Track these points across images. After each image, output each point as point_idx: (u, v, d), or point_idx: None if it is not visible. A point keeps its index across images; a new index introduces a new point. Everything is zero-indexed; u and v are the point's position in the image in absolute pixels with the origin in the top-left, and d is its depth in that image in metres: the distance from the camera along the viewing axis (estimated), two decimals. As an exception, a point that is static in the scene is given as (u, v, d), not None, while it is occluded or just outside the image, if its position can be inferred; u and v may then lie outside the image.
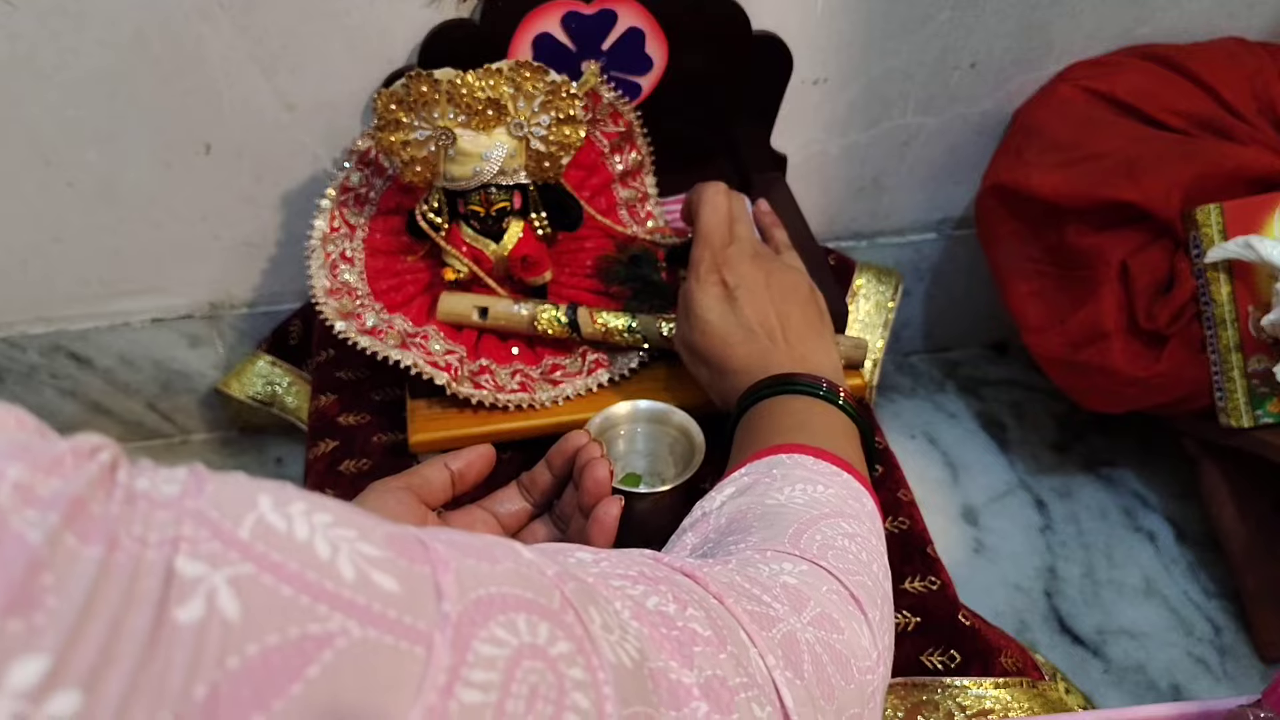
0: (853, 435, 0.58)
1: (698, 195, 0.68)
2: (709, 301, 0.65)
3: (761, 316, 0.64)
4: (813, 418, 0.57)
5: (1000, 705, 0.68)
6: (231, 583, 0.22)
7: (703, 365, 0.66)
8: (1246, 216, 0.88)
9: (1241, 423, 0.91)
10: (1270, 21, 1.03)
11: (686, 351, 0.68)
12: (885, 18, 0.95)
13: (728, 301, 0.65)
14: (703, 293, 0.65)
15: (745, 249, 0.67)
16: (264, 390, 1.05)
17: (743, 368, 0.63)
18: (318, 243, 0.82)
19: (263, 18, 0.85)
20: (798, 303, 0.66)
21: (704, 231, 0.67)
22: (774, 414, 0.58)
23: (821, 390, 0.58)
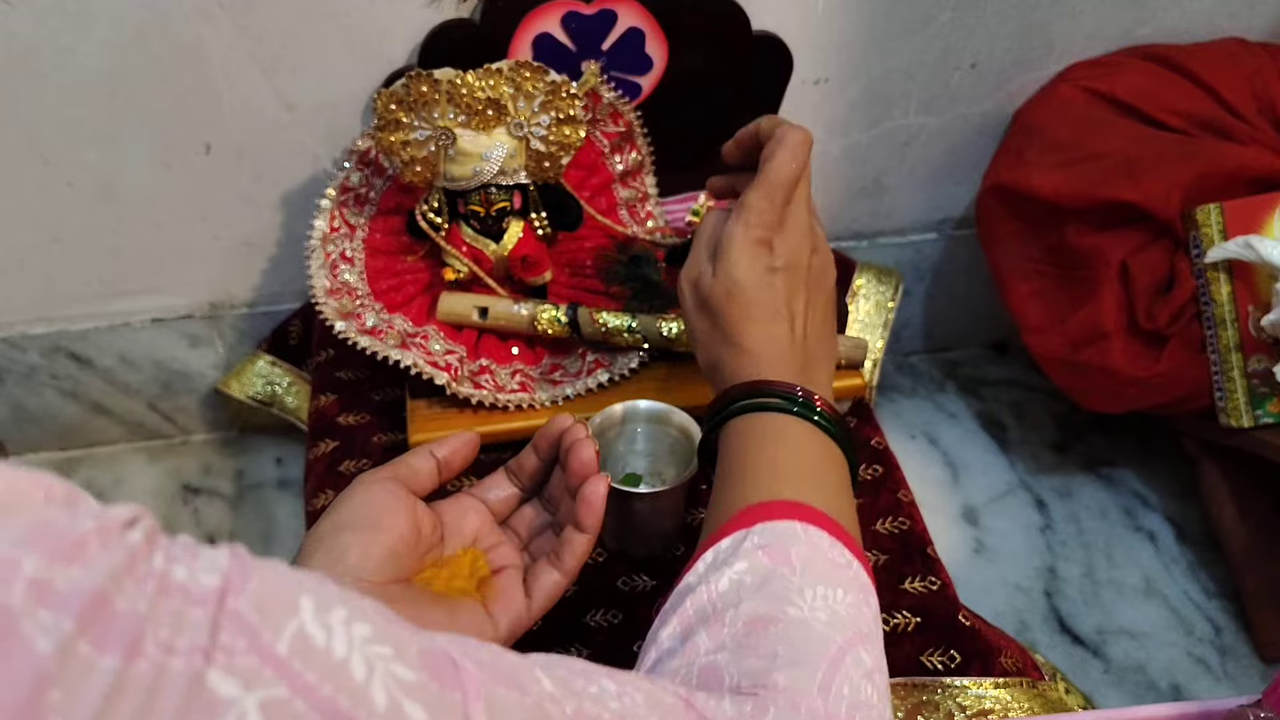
0: (845, 472, 0.54)
1: (779, 133, 0.56)
2: (748, 260, 0.55)
3: (791, 300, 0.56)
4: (819, 459, 0.52)
5: (1000, 705, 0.68)
6: (263, 708, 0.21)
7: (707, 319, 0.57)
8: (1246, 216, 0.88)
9: (1241, 422, 0.91)
10: (1270, 22, 1.03)
11: (694, 296, 0.58)
12: (886, 18, 0.95)
13: (768, 270, 0.55)
14: (746, 247, 0.55)
15: (803, 219, 0.57)
16: (264, 390, 1.05)
17: (754, 348, 0.55)
18: (318, 243, 0.82)
19: (263, 18, 0.85)
20: (824, 296, 0.59)
21: (774, 178, 0.55)
22: (780, 442, 0.52)
23: (828, 421, 0.53)
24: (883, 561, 0.73)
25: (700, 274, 0.57)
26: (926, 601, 0.71)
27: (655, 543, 0.72)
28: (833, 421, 0.53)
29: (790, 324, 0.56)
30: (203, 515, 1.10)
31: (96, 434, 1.15)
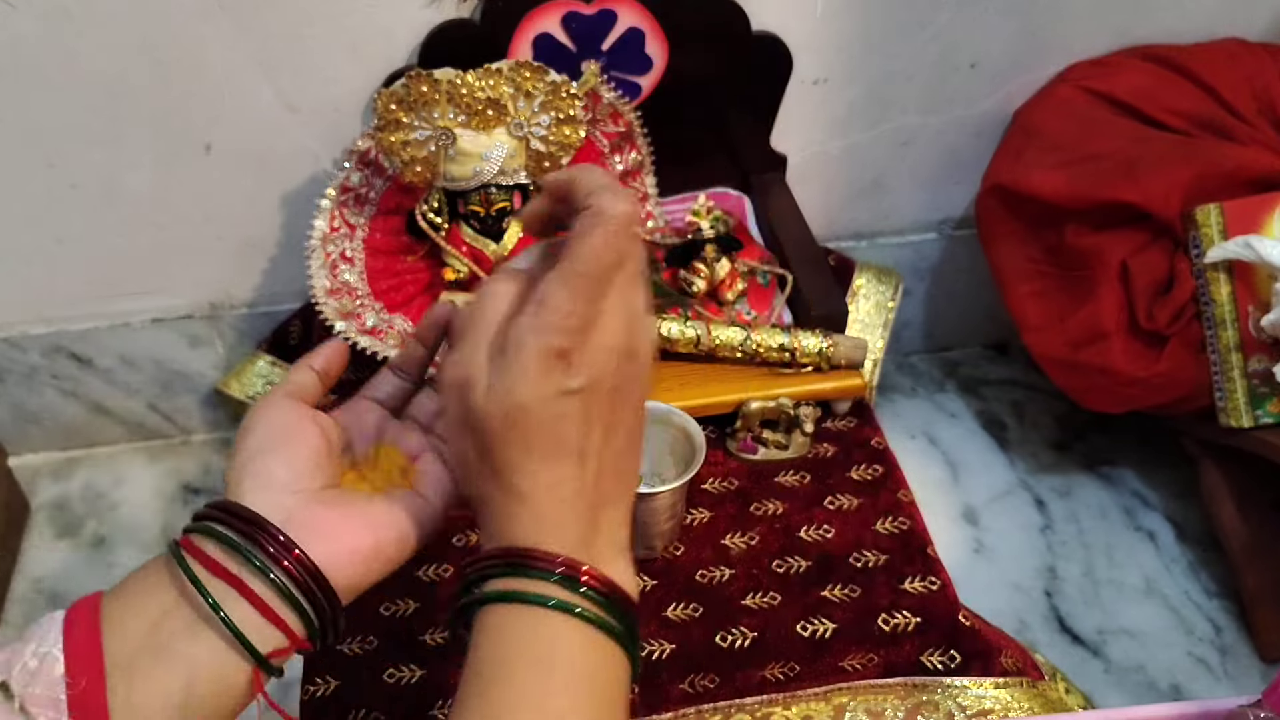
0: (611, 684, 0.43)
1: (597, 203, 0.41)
2: (537, 377, 0.40)
3: (588, 434, 0.42)
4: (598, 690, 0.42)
5: (1000, 705, 0.68)
6: None
7: (472, 442, 0.42)
8: (1246, 216, 0.88)
9: (1241, 422, 0.92)
10: (1270, 22, 1.03)
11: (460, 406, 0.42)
12: (885, 19, 0.95)
13: (561, 393, 0.40)
14: (538, 360, 0.40)
15: (618, 322, 0.41)
16: (264, 390, 1.05)
17: (529, 493, 0.41)
18: (318, 243, 0.82)
19: (264, 19, 0.85)
20: (630, 417, 0.44)
21: (584, 268, 0.40)
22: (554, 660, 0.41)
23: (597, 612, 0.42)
24: (883, 561, 0.73)
25: (471, 379, 0.41)
26: (926, 601, 0.71)
27: (655, 542, 0.72)
28: (605, 606, 0.42)
29: (580, 463, 0.42)
30: (203, 515, 1.11)
31: (97, 434, 1.15)
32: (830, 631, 0.69)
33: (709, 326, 0.80)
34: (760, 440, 0.81)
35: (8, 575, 1.05)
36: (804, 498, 0.78)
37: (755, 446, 0.81)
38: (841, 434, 0.83)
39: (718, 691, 0.67)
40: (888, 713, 0.67)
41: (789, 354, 0.81)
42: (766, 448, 0.81)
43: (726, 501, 0.78)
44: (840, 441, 0.82)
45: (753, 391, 0.80)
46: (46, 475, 1.15)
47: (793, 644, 0.69)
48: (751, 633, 0.69)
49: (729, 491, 0.79)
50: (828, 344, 0.80)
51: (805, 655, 0.68)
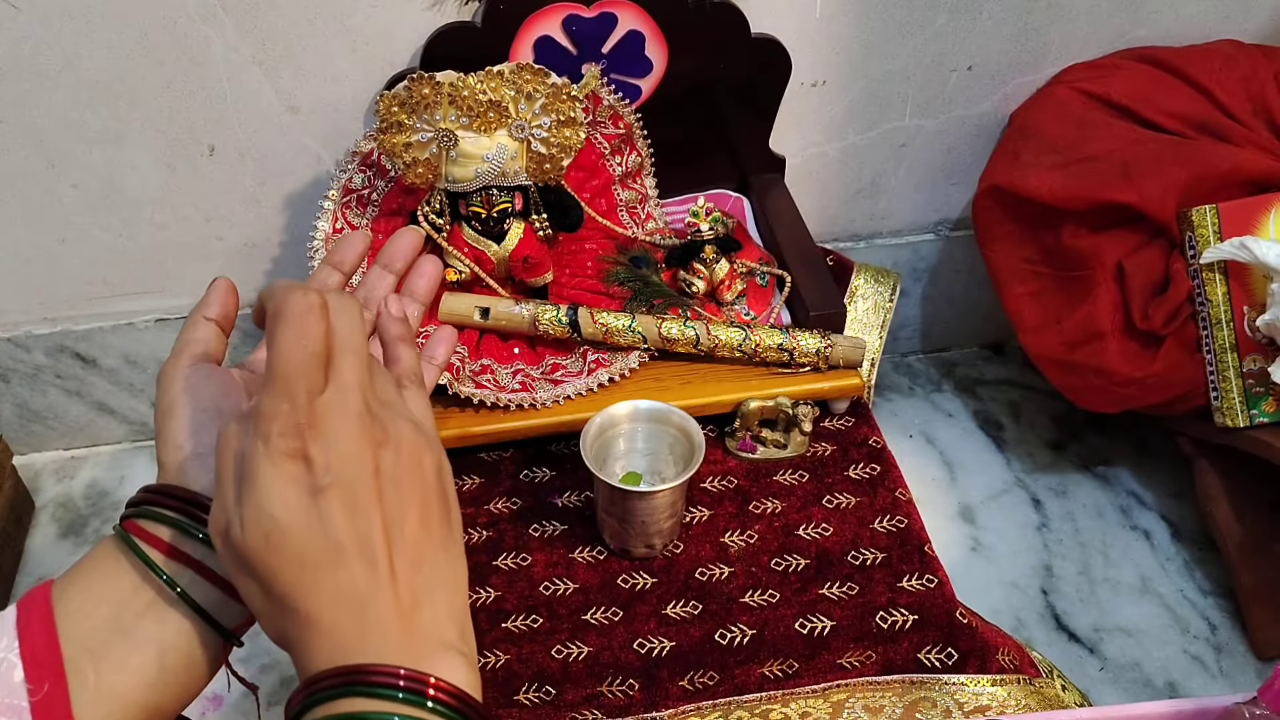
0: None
1: (274, 307, 0.39)
2: (281, 490, 0.37)
3: (363, 528, 0.38)
4: None
5: (997, 702, 0.69)
6: None
7: (253, 581, 0.38)
8: (1242, 217, 0.89)
9: (1237, 422, 0.92)
10: (1265, 24, 1.04)
11: (227, 551, 0.39)
12: (883, 21, 0.96)
13: (311, 496, 0.37)
14: (273, 472, 0.37)
15: (350, 401, 0.39)
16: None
17: (322, 615, 0.37)
18: (320, 244, 0.83)
19: (266, 20, 0.85)
20: (418, 496, 0.40)
21: (282, 368, 0.38)
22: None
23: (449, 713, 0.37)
24: (880, 559, 0.74)
25: (226, 521, 0.39)
26: (924, 599, 0.72)
27: (655, 541, 0.73)
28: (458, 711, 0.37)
29: (368, 564, 0.38)
30: (205, 514, 1.11)
31: (101, 433, 1.16)
32: (828, 629, 0.70)
33: (708, 326, 0.81)
34: (759, 439, 0.82)
35: (12, 573, 1.05)
36: (802, 496, 0.79)
37: (754, 445, 0.81)
38: (839, 433, 0.84)
39: (717, 689, 0.67)
40: (885, 710, 0.67)
41: (787, 354, 0.81)
42: (765, 447, 0.82)
43: (725, 500, 0.78)
44: (838, 441, 0.83)
45: (751, 391, 0.81)
46: (51, 474, 1.16)
47: (791, 641, 0.69)
48: (750, 630, 0.70)
49: (728, 490, 0.79)
50: (826, 344, 0.81)
51: (804, 653, 0.69)
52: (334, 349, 0.40)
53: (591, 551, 0.75)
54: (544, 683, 0.68)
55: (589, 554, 0.75)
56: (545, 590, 0.73)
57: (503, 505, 0.79)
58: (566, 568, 0.74)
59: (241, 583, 0.39)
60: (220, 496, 0.39)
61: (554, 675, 0.68)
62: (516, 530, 0.77)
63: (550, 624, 0.71)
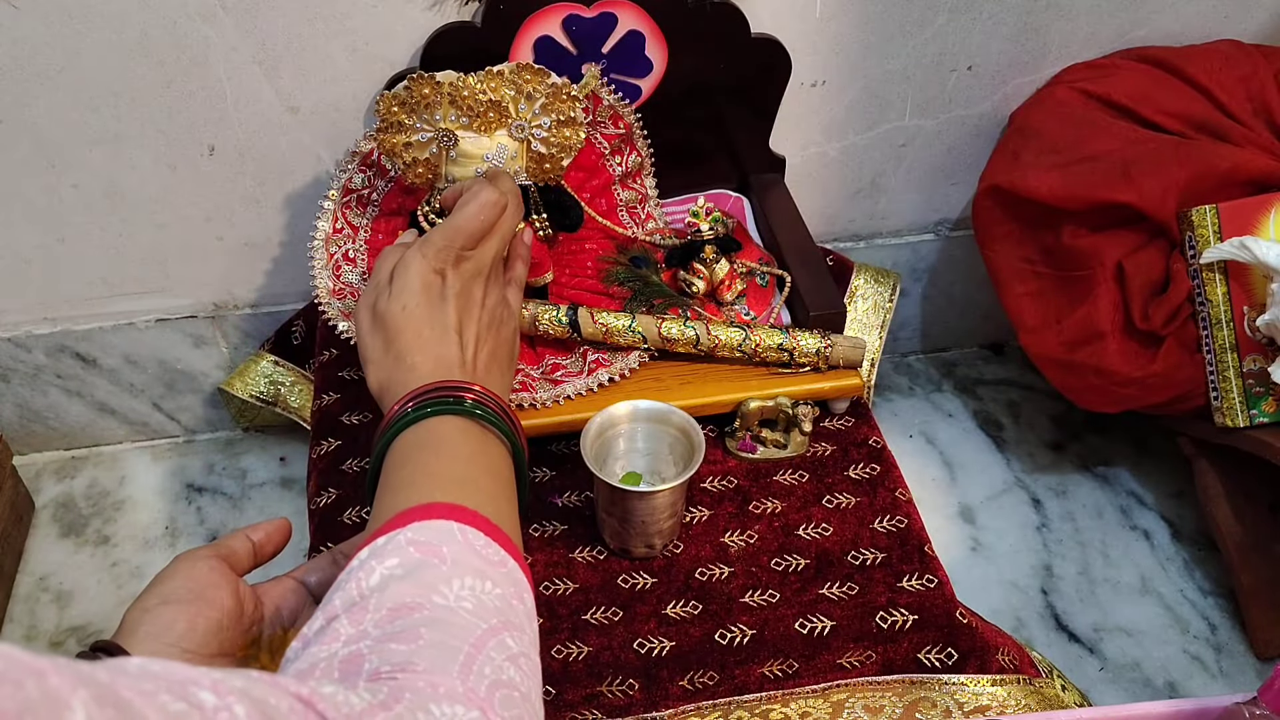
0: (506, 472, 0.57)
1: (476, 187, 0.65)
2: (422, 283, 0.61)
3: (463, 325, 0.62)
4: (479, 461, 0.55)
5: (997, 702, 0.69)
6: None
7: (380, 338, 0.61)
8: (1242, 217, 0.89)
9: (1237, 422, 0.92)
10: (1265, 24, 1.04)
11: (370, 316, 0.62)
12: (883, 21, 0.96)
13: (439, 293, 0.61)
14: (421, 273, 0.61)
15: (483, 263, 0.64)
16: (267, 390, 1.05)
17: (423, 365, 0.59)
18: (320, 243, 0.83)
19: (266, 20, 0.85)
20: (496, 335, 0.65)
21: (458, 222, 0.63)
22: (442, 447, 0.54)
23: (492, 416, 0.57)
24: (880, 559, 0.74)
25: (378, 296, 0.62)
26: (924, 599, 0.72)
27: (655, 541, 0.73)
28: (498, 417, 0.57)
29: (460, 346, 0.60)
30: (206, 514, 1.11)
31: (101, 433, 1.16)
32: (828, 629, 0.70)
33: (708, 326, 0.81)
34: (759, 439, 0.82)
35: (13, 574, 1.05)
36: (802, 496, 0.79)
37: (754, 445, 0.81)
38: (839, 433, 0.84)
39: (717, 689, 0.67)
40: (885, 710, 0.67)
41: (787, 354, 0.81)
42: (765, 447, 0.82)
43: (725, 500, 0.78)
44: (838, 441, 0.83)
45: (751, 391, 0.81)
46: (51, 474, 1.16)
47: (791, 641, 0.69)
48: (750, 630, 0.70)
49: (728, 490, 0.79)
50: (826, 344, 0.81)
51: (804, 652, 0.69)
52: (491, 231, 0.64)
53: (591, 551, 0.75)
54: (544, 682, 0.68)
55: (589, 554, 0.75)
56: (545, 590, 0.73)
57: (503, 505, 0.79)
58: (566, 568, 0.74)
59: (370, 339, 0.61)
60: (375, 280, 0.63)
61: (554, 675, 0.68)
62: (516, 530, 0.77)
63: (550, 624, 0.71)
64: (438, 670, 0.39)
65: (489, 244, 0.64)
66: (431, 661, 0.39)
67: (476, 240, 0.63)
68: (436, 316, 0.60)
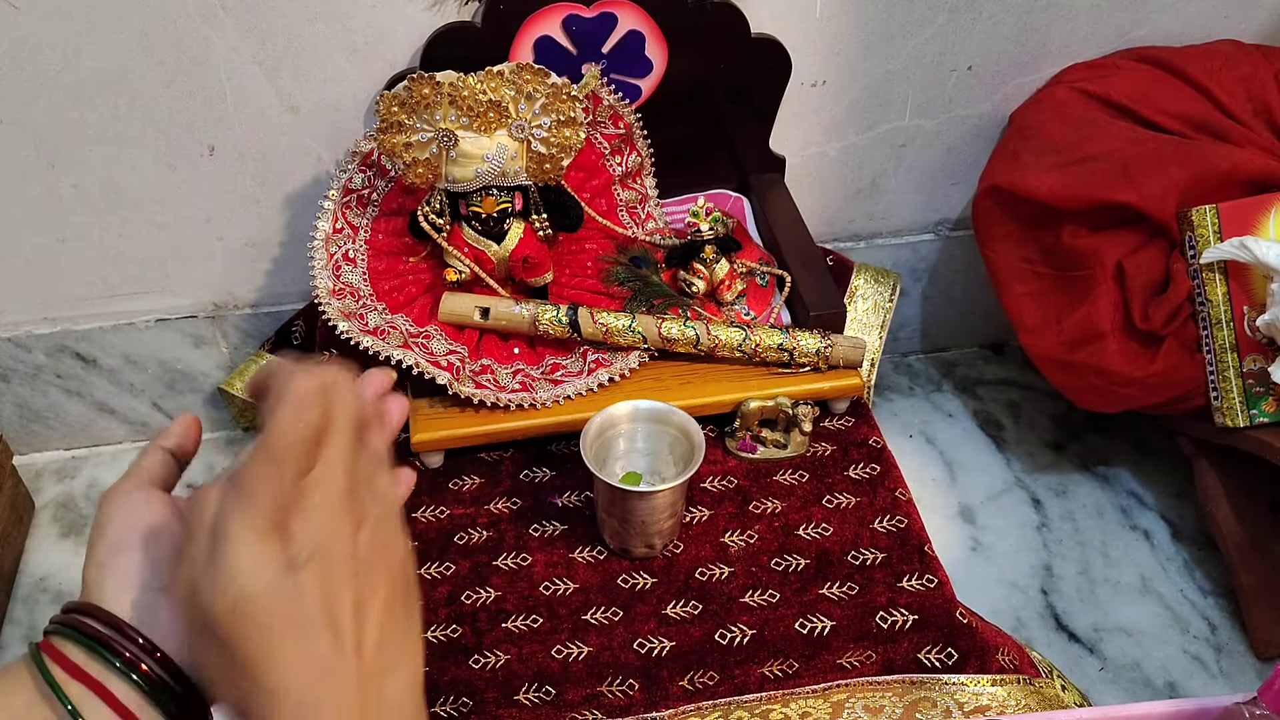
0: None
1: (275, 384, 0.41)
2: (254, 557, 0.38)
3: (332, 603, 0.40)
4: None
5: (997, 702, 0.69)
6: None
7: (216, 649, 0.39)
8: (1242, 217, 0.89)
9: (1237, 422, 0.92)
10: (1265, 24, 1.04)
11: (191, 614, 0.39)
12: (883, 21, 0.96)
13: (286, 569, 0.39)
14: (249, 539, 0.38)
15: (334, 486, 0.41)
16: (267, 390, 1.05)
17: (289, 686, 0.38)
18: (320, 243, 0.83)
19: (266, 20, 0.85)
20: (385, 579, 0.42)
21: (275, 441, 0.39)
22: None
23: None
24: (880, 559, 0.74)
25: (195, 584, 0.39)
26: (924, 599, 0.72)
27: (655, 541, 0.73)
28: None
29: (335, 636, 0.39)
30: (206, 514, 1.11)
31: (101, 433, 1.16)
32: (829, 629, 0.70)
33: (708, 326, 0.81)
34: (759, 439, 0.82)
35: (13, 574, 1.05)
36: (802, 496, 0.79)
37: (754, 445, 0.82)
38: (839, 433, 0.84)
39: (717, 689, 0.67)
40: (885, 710, 0.67)
41: (787, 354, 0.81)
42: (765, 447, 0.82)
43: (725, 500, 0.78)
44: (838, 441, 0.83)
45: (751, 391, 0.81)
46: (51, 474, 1.16)
47: (791, 641, 0.69)
48: (750, 630, 0.70)
49: (728, 490, 0.79)
50: (826, 344, 0.81)
51: (804, 652, 0.69)
52: (327, 430, 0.41)
53: (591, 551, 0.75)
54: (544, 683, 0.68)
55: (589, 554, 0.75)
56: (545, 590, 0.73)
57: (503, 505, 0.79)
58: (566, 568, 0.74)
59: (202, 648, 0.40)
60: (188, 559, 0.39)
61: (554, 675, 0.68)
62: (517, 530, 0.77)
63: (550, 624, 0.71)
64: None
65: (331, 450, 0.41)
66: None
67: (310, 455, 0.41)
68: (288, 603, 0.39)
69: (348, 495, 0.41)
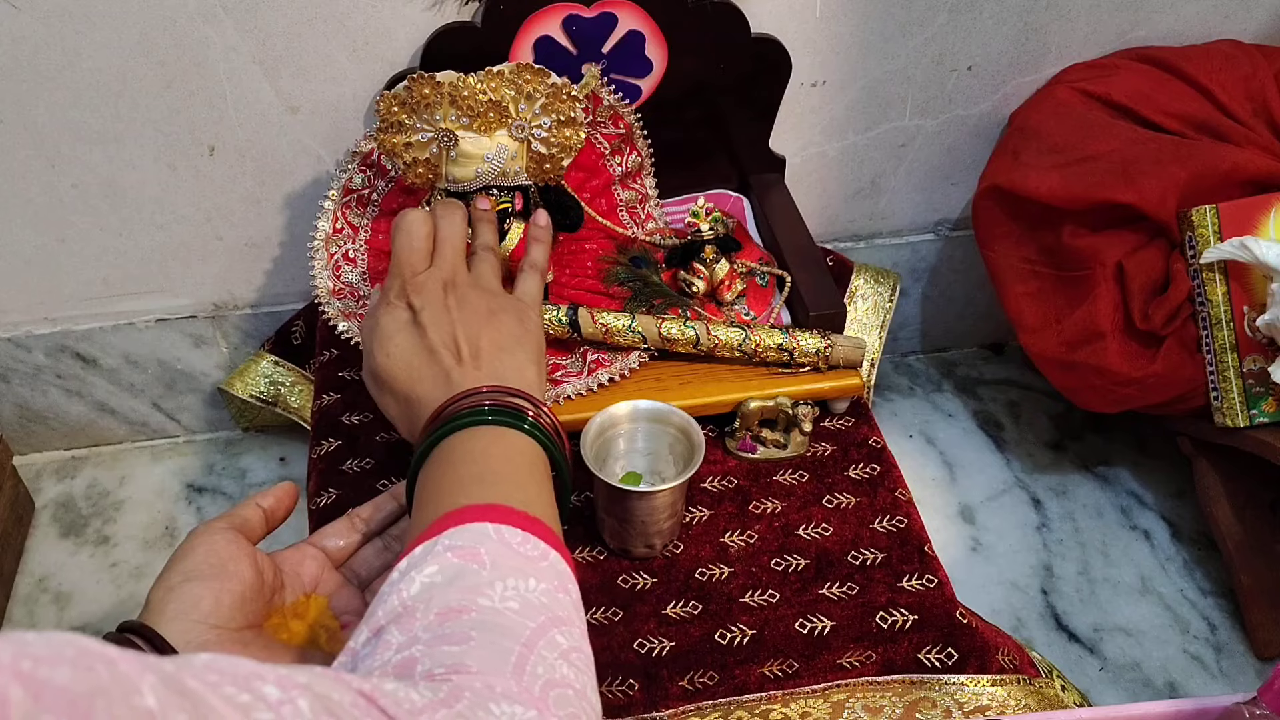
0: (537, 463, 0.55)
1: (396, 220, 0.64)
2: (393, 325, 0.60)
3: (445, 337, 0.60)
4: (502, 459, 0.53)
5: (997, 702, 0.69)
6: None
7: (389, 394, 0.60)
8: (1242, 217, 0.89)
9: (1237, 422, 0.92)
10: (1265, 24, 1.04)
11: (372, 381, 0.62)
12: (883, 21, 0.96)
13: (413, 326, 0.60)
14: (388, 316, 0.61)
15: (438, 274, 0.63)
16: (267, 390, 1.05)
17: (426, 394, 0.58)
18: (321, 243, 0.83)
19: (266, 20, 0.85)
20: (487, 322, 0.62)
21: (395, 258, 0.63)
22: (460, 456, 0.53)
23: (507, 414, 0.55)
24: (880, 559, 0.74)
25: (367, 358, 0.62)
26: (924, 599, 0.72)
27: (655, 541, 0.73)
28: (509, 412, 0.55)
29: (455, 356, 0.59)
30: (206, 514, 1.11)
31: (101, 433, 1.16)
32: (828, 629, 0.70)
33: (708, 326, 0.81)
34: (759, 439, 0.82)
35: (12, 574, 1.05)
36: (802, 496, 0.79)
37: (754, 445, 0.81)
38: (839, 433, 0.84)
39: (717, 689, 0.67)
40: (885, 710, 0.67)
41: (787, 354, 0.81)
42: (765, 447, 0.82)
43: (725, 500, 0.78)
44: (838, 441, 0.83)
45: (751, 391, 0.81)
46: (51, 474, 1.16)
47: (791, 641, 0.69)
48: (750, 630, 0.70)
49: (728, 490, 0.79)
50: (826, 344, 0.81)
51: (804, 653, 0.69)
52: (438, 241, 0.64)
53: (591, 551, 0.75)
54: (544, 683, 0.68)
55: (589, 554, 0.75)
56: (545, 590, 0.73)
57: (503, 505, 0.79)
58: (566, 568, 0.74)
59: (382, 400, 0.61)
60: (365, 344, 0.62)
61: (554, 675, 0.68)
62: (516, 530, 0.77)
63: (550, 624, 0.71)
64: (491, 671, 0.39)
65: (442, 254, 0.63)
66: (484, 662, 0.39)
67: (424, 259, 0.63)
68: (417, 343, 0.59)
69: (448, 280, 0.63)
